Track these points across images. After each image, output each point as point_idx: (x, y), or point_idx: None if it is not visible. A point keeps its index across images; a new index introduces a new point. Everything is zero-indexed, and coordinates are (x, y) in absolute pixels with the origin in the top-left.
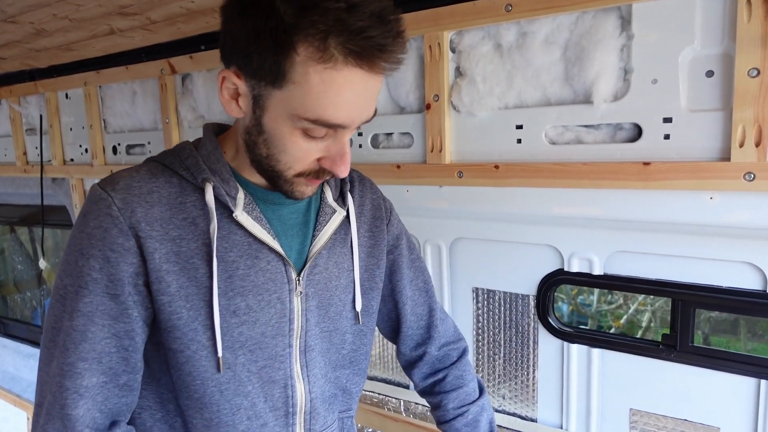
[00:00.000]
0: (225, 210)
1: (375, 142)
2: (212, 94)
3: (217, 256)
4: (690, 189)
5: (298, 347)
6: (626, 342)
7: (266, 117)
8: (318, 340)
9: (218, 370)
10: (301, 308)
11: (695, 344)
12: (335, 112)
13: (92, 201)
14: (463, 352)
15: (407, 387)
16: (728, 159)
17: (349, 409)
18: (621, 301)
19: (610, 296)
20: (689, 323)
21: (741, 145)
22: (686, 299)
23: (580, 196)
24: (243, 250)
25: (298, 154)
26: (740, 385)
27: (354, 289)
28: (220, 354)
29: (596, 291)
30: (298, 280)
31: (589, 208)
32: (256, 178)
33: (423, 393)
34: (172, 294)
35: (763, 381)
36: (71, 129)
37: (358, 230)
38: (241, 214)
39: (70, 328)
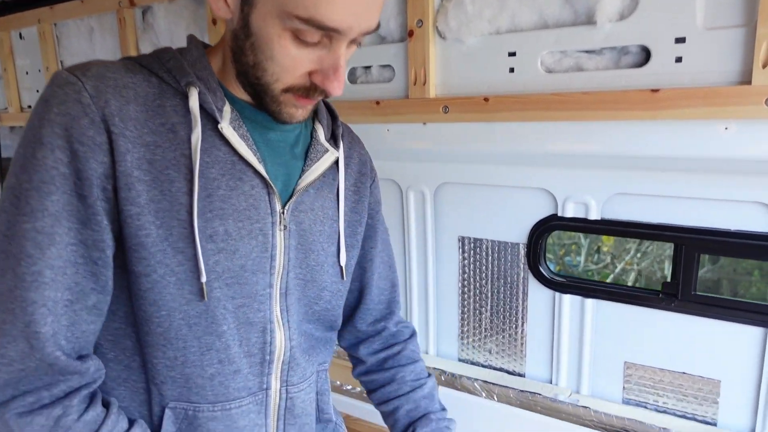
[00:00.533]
0: (209, 121)
1: (352, 77)
2: (175, 27)
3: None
4: (703, 118)
5: (278, 288)
6: (623, 291)
7: (254, 15)
8: (292, 285)
9: (202, 297)
10: (283, 245)
11: (698, 293)
12: (330, 12)
13: (57, 85)
14: (414, 333)
15: None
16: (749, 82)
17: (324, 362)
18: (608, 260)
19: (597, 256)
20: (692, 270)
21: (764, 66)
22: (690, 244)
23: (579, 129)
24: (226, 169)
25: (287, 61)
26: (745, 335)
27: (338, 242)
28: (204, 279)
29: (583, 251)
30: (283, 213)
31: (588, 144)
32: (244, 96)
33: (368, 372)
34: (142, 206)
35: None
36: (27, 73)
37: (345, 181)
38: (227, 128)
39: (33, 231)
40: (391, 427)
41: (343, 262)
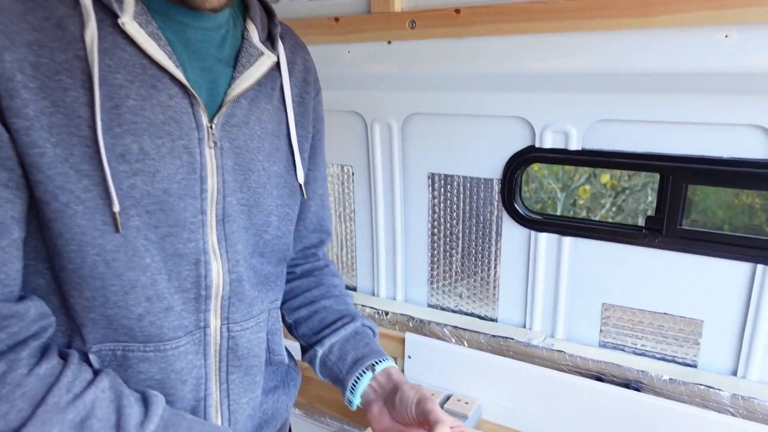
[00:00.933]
0: (107, 16)
1: None
2: None
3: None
4: (700, 24)
5: (214, 215)
6: (603, 228)
7: None
8: (237, 213)
9: (116, 229)
10: (215, 165)
11: (684, 227)
12: None
13: None
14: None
15: (354, 289)
16: None
17: (276, 300)
18: (584, 214)
19: (573, 210)
20: (680, 202)
21: None
22: (678, 174)
23: (560, 43)
24: (135, 75)
25: None
26: (732, 271)
27: (293, 157)
28: (116, 209)
29: (560, 205)
30: (211, 127)
31: (571, 59)
32: None
33: (287, 281)
34: (30, 119)
35: (759, 266)
36: None
37: (289, 89)
38: (130, 24)
39: None
40: (309, 329)
41: (300, 179)
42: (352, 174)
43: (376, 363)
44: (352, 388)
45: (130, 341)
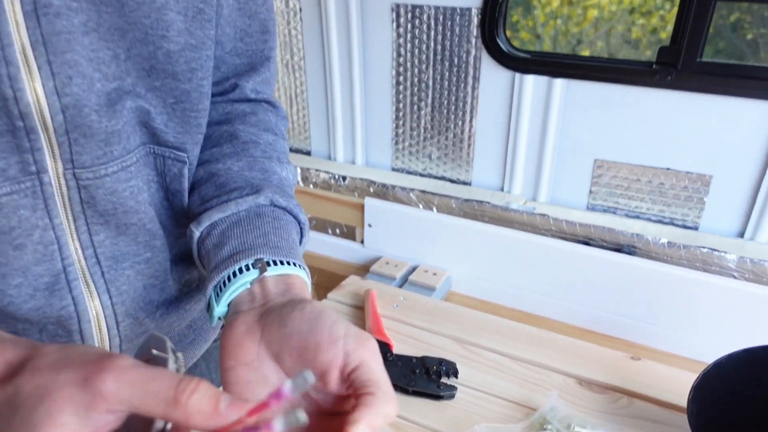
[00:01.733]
0: None
1: None
2: None
3: None
4: None
5: (18, 4)
6: (605, 65)
7: None
8: (79, 4)
9: None
10: None
11: (704, 60)
12: None
13: None
14: (284, 116)
15: (308, 153)
16: None
17: (179, 150)
18: None
19: None
20: (703, 28)
21: None
22: None
23: None
24: None
25: None
26: (754, 115)
27: None
28: None
29: None
30: None
31: None
32: None
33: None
34: None
35: None
36: None
37: None
38: None
39: None
40: (199, 199)
41: None
42: (299, 11)
43: (275, 263)
44: (219, 290)
45: None
